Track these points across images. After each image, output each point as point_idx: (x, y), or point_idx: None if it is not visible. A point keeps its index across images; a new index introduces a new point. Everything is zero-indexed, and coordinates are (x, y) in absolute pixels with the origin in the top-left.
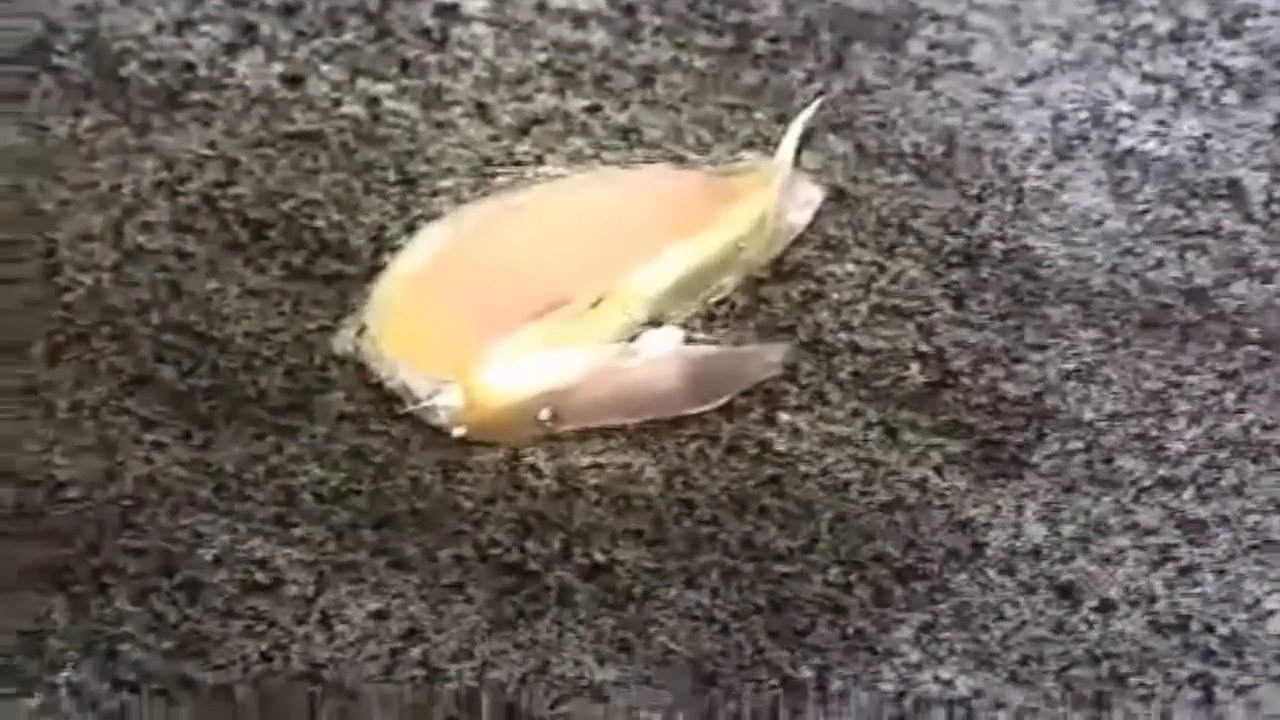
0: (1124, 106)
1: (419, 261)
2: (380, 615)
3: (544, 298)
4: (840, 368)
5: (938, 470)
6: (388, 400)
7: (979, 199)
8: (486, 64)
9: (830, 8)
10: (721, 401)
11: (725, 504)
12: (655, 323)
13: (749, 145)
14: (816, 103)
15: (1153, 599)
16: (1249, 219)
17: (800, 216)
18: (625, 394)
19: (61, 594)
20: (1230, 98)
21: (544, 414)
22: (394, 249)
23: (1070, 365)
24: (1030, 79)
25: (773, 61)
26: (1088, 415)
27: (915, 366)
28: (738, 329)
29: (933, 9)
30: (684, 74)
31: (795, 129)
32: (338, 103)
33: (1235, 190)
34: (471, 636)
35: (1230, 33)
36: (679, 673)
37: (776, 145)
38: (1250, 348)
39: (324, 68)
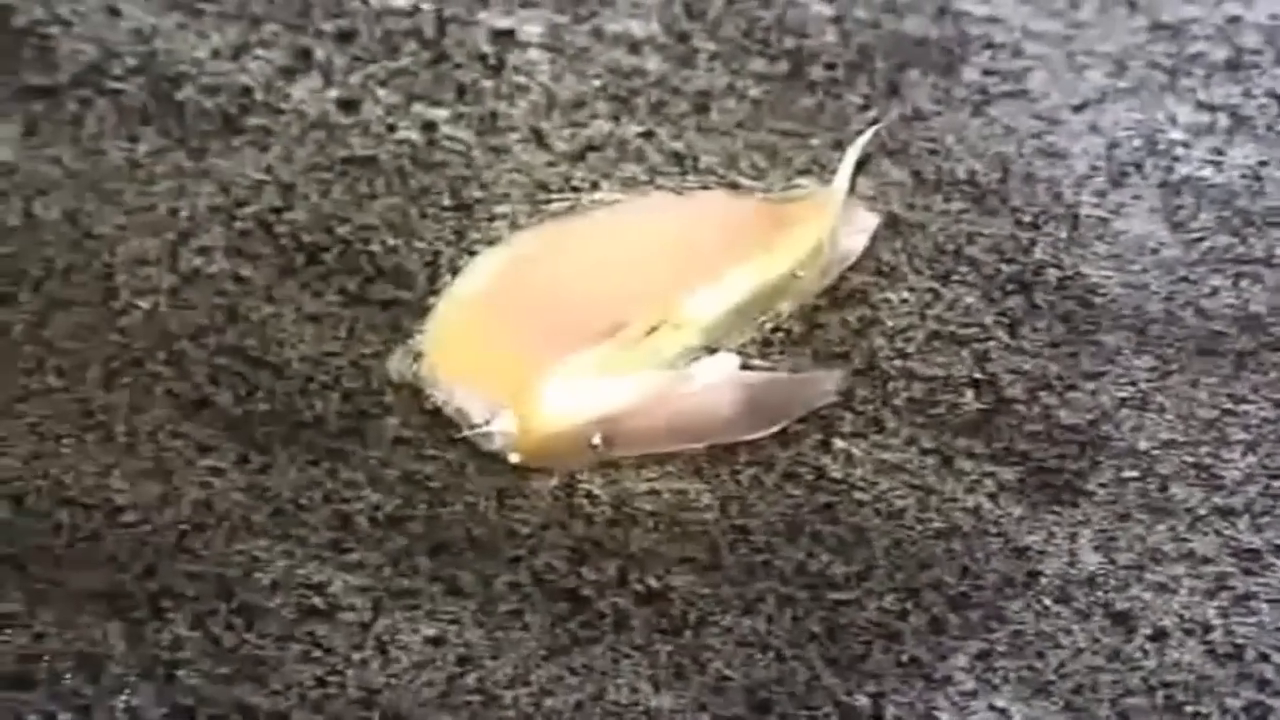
0: (1179, 134)
1: (474, 287)
2: (436, 641)
3: (599, 324)
4: (895, 394)
5: (992, 497)
6: (443, 425)
7: (1034, 226)
8: (542, 89)
9: (886, 34)
10: (777, 428)
11: (780, 530)
12: (711, 349)
13: (804, 172)
14: (872, 129)
15: (1208, 627)
16: None
17: (856, 243)
18: (680, 420)
19: (119, 619)
20: None
21: (596, 439)
22: (450, 274)
23: (1125, 393)
24: (1085, 106)
25: (828, 88)
26: (1142, 443)
27: (970, 393)
28: (793, 355)
29: (987, 36)
30: (739, 100)
31: (851, 155)
32: (393, 128)
33: None
34: (527, 663)
35: None
36: (734, 699)
37: (832, 172)
38: None
39: (380, 93)
